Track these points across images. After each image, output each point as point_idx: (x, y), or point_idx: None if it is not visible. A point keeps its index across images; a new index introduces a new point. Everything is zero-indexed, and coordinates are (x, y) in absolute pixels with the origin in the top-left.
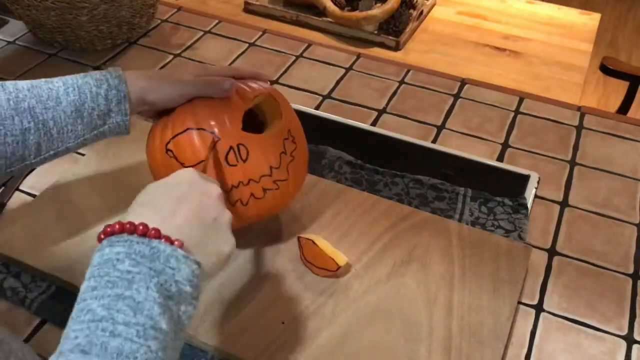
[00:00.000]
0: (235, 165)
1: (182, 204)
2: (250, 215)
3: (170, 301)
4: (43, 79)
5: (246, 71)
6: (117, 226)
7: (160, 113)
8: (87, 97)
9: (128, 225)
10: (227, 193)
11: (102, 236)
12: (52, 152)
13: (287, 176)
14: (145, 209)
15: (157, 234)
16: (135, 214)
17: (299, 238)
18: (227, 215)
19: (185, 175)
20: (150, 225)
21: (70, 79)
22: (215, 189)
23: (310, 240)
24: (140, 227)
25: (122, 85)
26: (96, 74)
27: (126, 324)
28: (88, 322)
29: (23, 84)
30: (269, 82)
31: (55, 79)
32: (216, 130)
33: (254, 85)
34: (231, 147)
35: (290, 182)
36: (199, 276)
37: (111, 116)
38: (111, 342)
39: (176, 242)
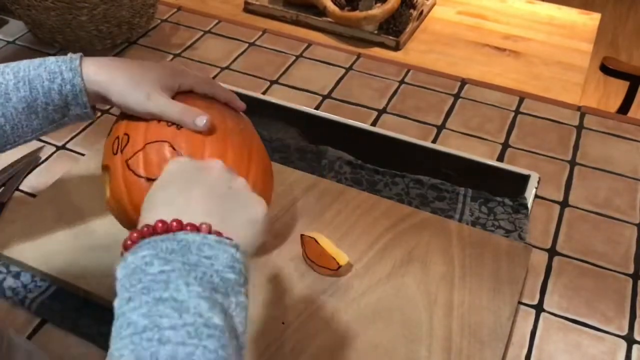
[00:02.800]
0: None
1: (190, 190)
2: None
3: (217, 294)
4: None
5: (222, 94)
6: (135, 234)
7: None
8: (39, 93)
9: (146, 229)
10: None
11: (124, 251)
12: (9, 147)
13: None
14: (155, 210)
15: (180, 225)
16: (150, 217)
17: (302, 236)
18: (240, 181)
19: (176, 165)
20: (169, 220)
21: (22, 69)
22: (214, 163)
23: (313, 238)
24: (160, 225)
25: (77, 78)
26: (51, 63)
27: (173, 328)
28: (131, 335)
29: None
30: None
31: (8, 69)
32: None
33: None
34: (117, 137)
35: None
36: (240, 259)
37: (70, 109)
38: (161, 351)
39: (203, 227)
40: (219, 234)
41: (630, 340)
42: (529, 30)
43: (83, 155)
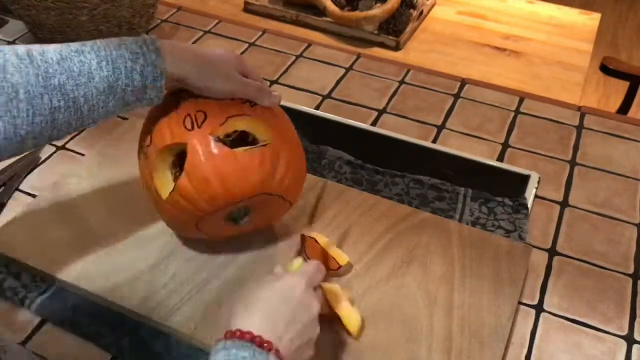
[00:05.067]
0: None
1: (293, 323)
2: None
3: None
4: (74, 47)
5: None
6: (237, 333)
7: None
8: (121, 73)
9: (248, 336)
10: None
11: (227, 335)
12: (80, 128)
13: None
14: (262, 321)
15: (270, 346)
16: (250, 321)
17: (302, 236)
18: (317, 332)
19: (297, 289)
20: (265, 338)
21: (103, 48)
22: (316, 307)
23: (313, 238)
24: (258, 339)
25: (159, 60)
26: (132, 44)
27: None
28: None
29: (52, 54)
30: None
31: (87, 48)
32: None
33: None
34: (188, 115)
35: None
36: None
37: (146, 92)
38: None
39: (275, 353)
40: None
41: (630, 340)
42: (529, 30)
43: (83, 155)
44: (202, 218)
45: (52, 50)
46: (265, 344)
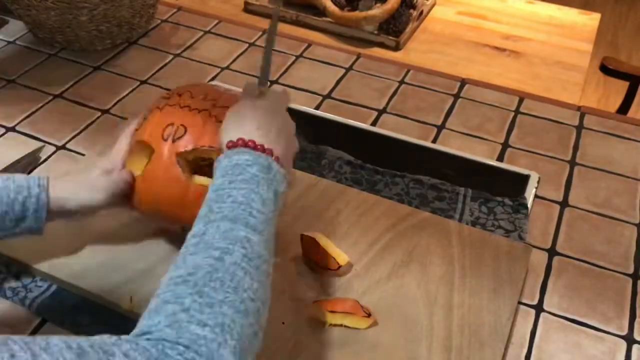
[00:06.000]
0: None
1: (284, 133)
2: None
3: (277, 201)
4: None
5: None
6: (239, 142)
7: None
8: (1, 201)
9: (250, 143)
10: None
11: (229, 145)
12: None
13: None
14: (256, 131)
15: (270, 153)
16: (243, 131)
17: (302, 236)
18: (297, 146)
19: (281, 104)
20: (266, 145)
21: None
22: (294, 124)
23: (313, 238)
24: (259, 147)
25: (43, 194)
26: (21, 178)
27: (259, 211)
28: (231, 202)
29: None
30: None
31: None
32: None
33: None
34: (171, 124)
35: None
36: (287, 187)
37: (25, 221)
38: (250, 220)
39: (275, 159)
40: (278, 159)
41: (630, 340)
42: (529, 30)
43: (83, 155)
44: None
45: None
46: (266, 150)
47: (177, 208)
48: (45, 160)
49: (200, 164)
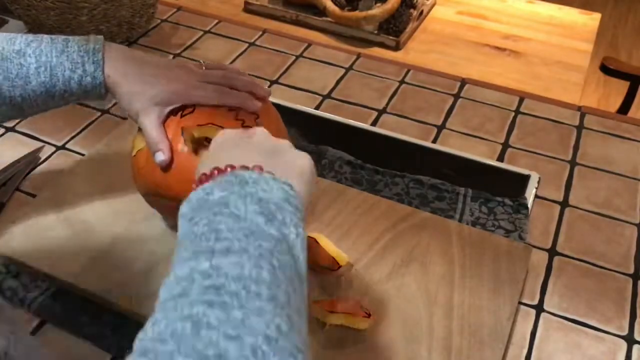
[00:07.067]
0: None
1: (242, 149)
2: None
3: (275, 220)
4: (17, 46)
5: (243, 87)
6: (193, 185)
7: None
8: (58, 81)
9: (204, 177)
10: None
11: (200, 179)
12: (24, 117)
13: None
14: (209, 165)
15: (233, 168)
16: (204, 170)
17: None
18: (284, 141)
19: (222, 136)
20: (223, 166)
21: (45, 53)
22: (256, 128)
23: (313, 238)
24: (216, 172)
25: (99, 72)
26: (74, 52)
27: (230, 230)
28: (192, 240)
29: None
30: (268, 95)
31: (29, 50)
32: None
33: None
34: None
35: None
36: (295, 196)
37: (88, 97)
38: (216, 246)
39: (255, 168)
40: (271, 173)
41: (630, 340)
42: (529, 30)
43: (83, 155)
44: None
45: None
46: (228, 167)
47: (174, 181)
48: (45, 160)
49: (205, 144)
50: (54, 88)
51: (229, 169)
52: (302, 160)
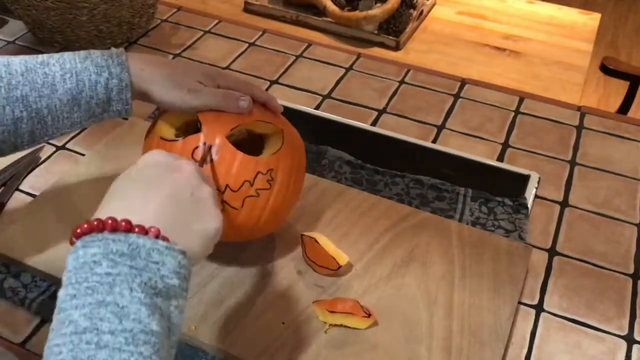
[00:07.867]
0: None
1: (152, 189)
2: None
3: (158, 298)
4: (39, 59)
5: (261, 96)
6: (85, 225)
7: None
8: (84, 86)
9: (96, 223)
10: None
11: (74, 239)
12: (45, 138)
13: (239, 205)
14: (114, 202)
15: (128, 226)
16: (104, 210)
17: (302, 235)
18: (206, 189)
19: (152, 158)
20: (119, 218)
21: (69, 61)
22: (187, 164)
23: (313, 238)
24: (109, 222)
25: (125, 73)
26: (97, 57)
27: (112, 333)
28: (70, 334)
29: (17, 65)
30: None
31: (52, 60)
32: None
33: (266, 111)
34: (204, 144)
35: (241, 213)
36: (185, 266)
37: (111, 104)
38: (98, 354)
39: (151, 230)
40: (166, 239)
41: (630, 340)
42: (529, 30)
43: (83, 155)
44: None
45: (18, 62)
46: (123, 223)
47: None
48: (45, 160)
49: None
50: (80, 94)
51: (123, 224)
52: (210, 222)
